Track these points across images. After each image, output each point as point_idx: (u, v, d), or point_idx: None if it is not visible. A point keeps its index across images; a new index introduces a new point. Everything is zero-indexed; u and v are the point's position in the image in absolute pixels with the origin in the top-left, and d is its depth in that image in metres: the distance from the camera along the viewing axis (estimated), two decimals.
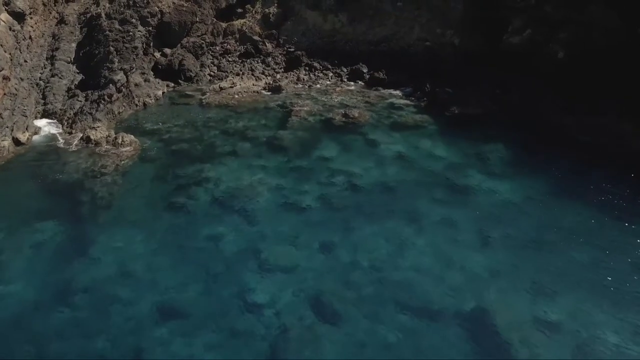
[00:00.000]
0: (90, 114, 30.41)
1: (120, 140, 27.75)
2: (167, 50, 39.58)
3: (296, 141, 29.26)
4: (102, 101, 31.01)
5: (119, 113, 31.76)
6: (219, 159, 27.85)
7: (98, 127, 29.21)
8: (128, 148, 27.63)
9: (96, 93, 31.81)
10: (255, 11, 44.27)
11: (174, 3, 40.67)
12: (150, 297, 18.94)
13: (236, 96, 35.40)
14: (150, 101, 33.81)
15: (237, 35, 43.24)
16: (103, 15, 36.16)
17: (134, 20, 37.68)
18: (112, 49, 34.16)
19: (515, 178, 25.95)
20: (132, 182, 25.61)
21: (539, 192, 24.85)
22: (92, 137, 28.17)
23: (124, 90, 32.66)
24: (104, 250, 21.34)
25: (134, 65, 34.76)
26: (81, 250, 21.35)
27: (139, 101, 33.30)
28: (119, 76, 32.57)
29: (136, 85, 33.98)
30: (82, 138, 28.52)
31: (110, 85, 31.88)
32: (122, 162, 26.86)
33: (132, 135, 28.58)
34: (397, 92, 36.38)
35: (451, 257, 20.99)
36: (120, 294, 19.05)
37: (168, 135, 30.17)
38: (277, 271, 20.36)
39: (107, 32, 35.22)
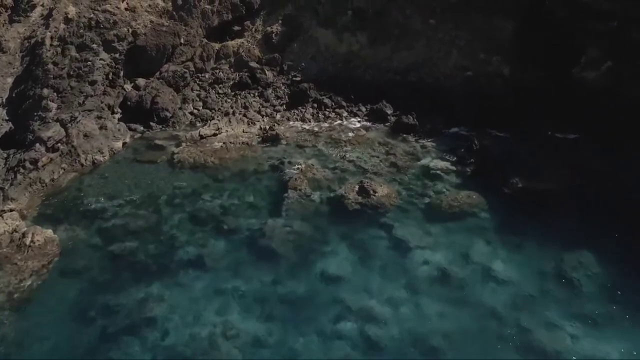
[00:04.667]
0: (2, 189, 20.26)
1: (29, 240, 17.64)
2: (141, 81, 29.14)
3: (291, 240, 18.86)
4: (22, 169, 20.93)
5: (52, 180, 21.61)
6: (177, 273, 17.64)
7: (9, 210, 19.10)
8: (41, 254, 17.45)
9: (17, 156, 21.60)
10: (255, 29, 33.49)
11: (151, 22, 30.14)
12: None
13: (220, 148, 24.96)
14: (102, 159, 23.58)
15: (232, 60, 32.59)
16: (47, 41, 25.69)
17: (95, 46, 27.34)
18: (47, 91, 23.85)
19: (626, 330, 15.28)
20: (29, 330, 15.52)
21: None
22: None
23: (62, 147, 22.45)
24: None
25: (81, 110, 24.39)
26: None
27: (86, 159, 23.12)
28: (51, 131, 22.32)
29: (86, 136, 23.76)
30: None
31: (38, 145, 21.68)
32: (25, 282, 16.78)
33: (50, 231, 18.43)
34: (432, 145, 25.67)
35: None
36: None
37: (113, 221, 19.95)
38: None
39: (49, 66, 24.88)
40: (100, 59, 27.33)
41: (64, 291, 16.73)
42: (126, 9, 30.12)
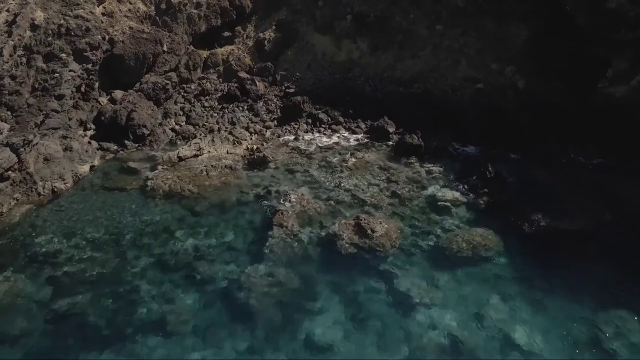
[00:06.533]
0: None
1: None
2: (118, 94, 25.90)
3: (273, 295, 15.50)
4: None
5: (0, 215, 18.32)
6: (133, 339, 14.31)
7: None
8: None
9: None
10: (246, 35, 30.19)
11: (131, 28, 26.75)
12: None
13: (199, 173, 21.60)
14: (64, 186, 20.39)
15: (221, 69, 29.29)
16: (6, 52, 22.23)
17: (64, 56, 24.00)
18: None
19: None
20: None
21: None
22: None
23: (14, 175, 19.21)
24: None
25: (43, 129, 21.21)
26: None
27: (44, 188, 19.91)
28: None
29: (46, 160, 20.53)
30: None
31: None
32: None
33: None
34: (439, 170, 22.23)
35: None
36: None
37: (66, 268, 16.67)
38: None
39: (5, 80, 21.59)
40: (70, 70, 24.03)
41: None
42: (103, 14, 26.77)
